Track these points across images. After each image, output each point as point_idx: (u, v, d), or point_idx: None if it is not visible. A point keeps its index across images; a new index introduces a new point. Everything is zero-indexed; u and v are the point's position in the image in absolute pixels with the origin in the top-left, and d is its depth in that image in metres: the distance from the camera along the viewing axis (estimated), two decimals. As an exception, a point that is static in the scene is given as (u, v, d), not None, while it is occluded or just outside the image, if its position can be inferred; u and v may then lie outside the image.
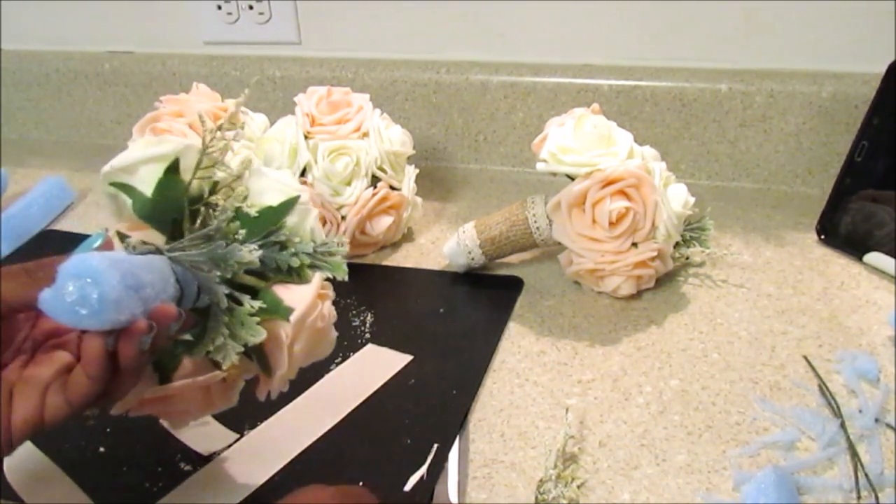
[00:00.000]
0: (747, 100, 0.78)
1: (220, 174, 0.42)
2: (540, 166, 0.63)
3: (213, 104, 0.74)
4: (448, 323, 0.62)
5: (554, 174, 0.63)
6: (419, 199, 0.75)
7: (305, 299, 0.41)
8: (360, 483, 0.47)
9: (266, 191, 0.44)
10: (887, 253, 0.65)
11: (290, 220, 0.44)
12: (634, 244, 0.61)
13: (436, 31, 0.86)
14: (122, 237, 0.41)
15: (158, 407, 0.42)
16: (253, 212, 0.42)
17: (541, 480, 0.46)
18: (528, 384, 0.55)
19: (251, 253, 0.38)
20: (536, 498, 0.46)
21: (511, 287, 0.66)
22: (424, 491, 0.46)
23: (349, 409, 0.53)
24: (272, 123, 0.76)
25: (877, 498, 0.44)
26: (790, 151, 0.79)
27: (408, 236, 0.76)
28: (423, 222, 0.78)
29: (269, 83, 0.92)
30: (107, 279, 0.32)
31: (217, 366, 0.39)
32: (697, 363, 0.56)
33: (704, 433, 0.50)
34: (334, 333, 0.45)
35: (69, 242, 0.81)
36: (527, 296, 0.66)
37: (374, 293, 0.67)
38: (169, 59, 0.96)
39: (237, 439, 0.51)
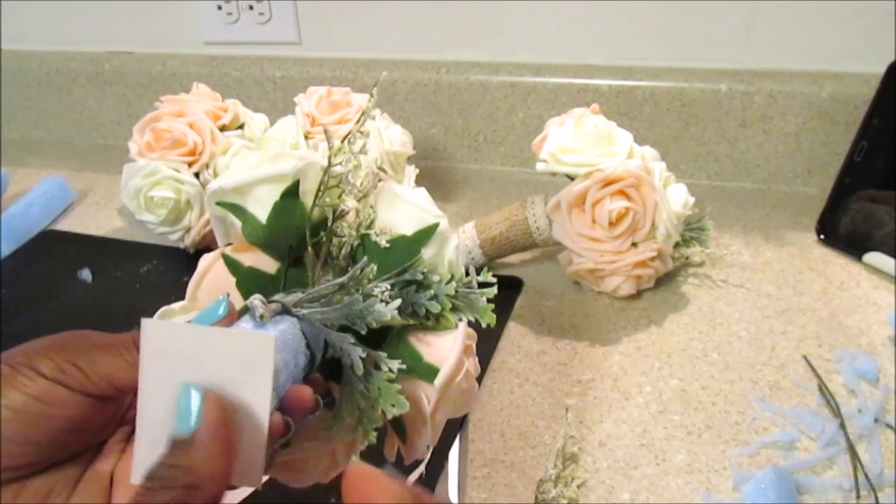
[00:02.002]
0: (747, 100, 0.78)
1: (349, 202, 0.36)
2: (540, 166, 0.63)
3: (213, 104, 0.74)
4: (448, 323, 0.62)
5: (554, 174, 0.63)
6: (419, 199, 0.75)
7: (450, 355, 0.35)
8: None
9: (397, 214, 0.37)
10: (887, 253, 0.65)
11: (426, 251, 0.36)
12: (634, 244, 0.61)
13: (436, 31, 0.86)
14: (231, 264, 0.36)
15: (277, 472, 0.36)
16: (383, 242, 0.36)
17: (541, 480, 0.46)
18: (528, 384, 0.55)
19: (390, 305, 0.33)
20: (536, 498, 0.46)
21: (511, 287, 0.66)
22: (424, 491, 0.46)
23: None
24: (272, 123, 0.76)
25: (876, 498, 0.44)
26: (790, 151, 0.79)
27: (408, 236, 0.76)
28: (423, 222, 0.78)
29: (269, 83, 0.92)
30: None
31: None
32: (697, 363, 0.56)
33: (704, 433, 0.50)
34: (477, 388, 0.39)
35: (69, 243, 0.81)
36: (527, 296, 0.66)
37: (374, 293, 0.67)
38: (169, 59, 0.96)
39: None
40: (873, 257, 0.65)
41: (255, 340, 0.27)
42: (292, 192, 0.36)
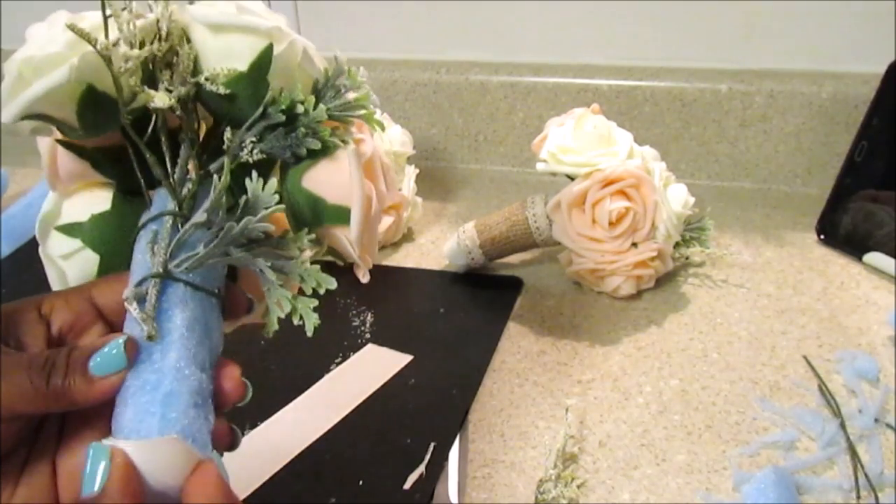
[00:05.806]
0: (747, 100, 0.78)
1: (160, 98, 0.30)
2: (540, 166, 0.63)
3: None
4: (448, 323, 0.62)
5: (554, 174, 0.63)
6: (419, 199, 0.75)
7: (353, 188, 0.31)
8: (360, 482, 0.47)
9: (220, 49, 0.30)
10: (887, 253, 0.65)
11: (275, 83, 0.30)
12: (634, 244, 0.61)
13: (436, 31, 0.86)
14: (74, 148, 0.32)
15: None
16: (220, 89, 0.30)
17: (541, 480, 0.46)
18: (528, 384, 0.55)
19: (271, 207, 0.28)
20: (536, 498, 0.46)
21: (511, 287, 0.66)
22: (425, 490, 0.46)
23: (349, 409, 0.53)
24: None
25: (877, 498, 0.44)
26: (790, 151, 0.79)
27: (408, 236, 0.76)
28: (423, 222, 0.78)
29: (269, 83, 0.92)
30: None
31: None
32: (697, 363, 0.56)
33: (704, 433, 0.50)
34: (394, 178, 0.35)
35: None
36: (527, 296, 0.66)
37: (374, 293, 0.67)
38: (169, 59, 0.96)
39: (237, 439, 0.51)
40: (873, 257, 0.65)
41: (161, 448, 0.26)
42: (91, 100, 0.30)
